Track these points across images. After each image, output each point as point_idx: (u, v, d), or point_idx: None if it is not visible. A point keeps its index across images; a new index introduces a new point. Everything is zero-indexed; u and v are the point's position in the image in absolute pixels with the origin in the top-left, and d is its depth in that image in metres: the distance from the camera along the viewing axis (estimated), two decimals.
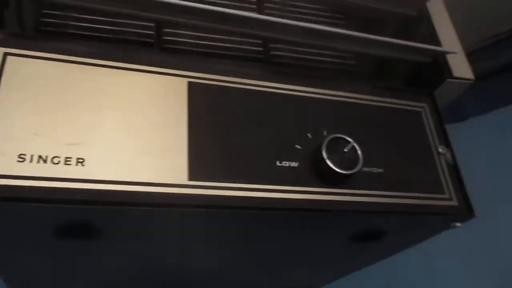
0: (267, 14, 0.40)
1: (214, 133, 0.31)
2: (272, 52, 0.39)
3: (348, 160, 0.32)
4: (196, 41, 0.37)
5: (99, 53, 0.31)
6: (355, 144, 0.32)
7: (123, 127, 0.29)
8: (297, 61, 0.40)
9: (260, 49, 0.39)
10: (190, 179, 0.29)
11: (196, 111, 0.31)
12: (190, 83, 0.32)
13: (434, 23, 0.42)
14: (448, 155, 0.37)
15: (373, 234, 0.37)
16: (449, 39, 0.42)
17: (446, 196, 0.35)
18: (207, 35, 0.37)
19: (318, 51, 0.40)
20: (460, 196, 0.35)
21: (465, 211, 0.35)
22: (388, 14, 0.44)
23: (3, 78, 0.28)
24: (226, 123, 0.31)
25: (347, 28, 0.43)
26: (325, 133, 0.33)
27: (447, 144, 0.38)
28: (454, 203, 0.35)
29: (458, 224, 0.35)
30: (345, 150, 0.32)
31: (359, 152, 0.32)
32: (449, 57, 0.40)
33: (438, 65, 0.40)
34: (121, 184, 0.27)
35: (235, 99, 0.33)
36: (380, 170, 0.34)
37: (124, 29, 0.35)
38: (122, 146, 0.28)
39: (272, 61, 0.39)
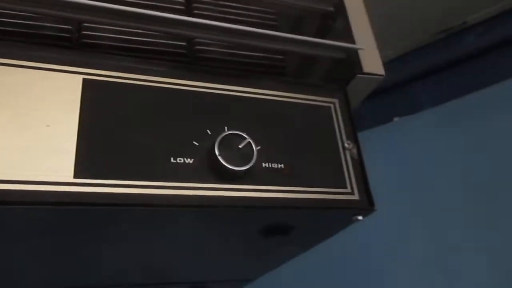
0: (196, 15, 0.40)
1: (105, 130, 0.31)
2: (197, 47, 0.39)
3: (243, 157, 0.32)
4: (115, 36, 0.37)
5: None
6: (250, 140, 0.32)
7: (8, 125, 0.28)
8: (222, 56, 0.40)
9: (184, 44, 0.39)
10: (76, 177, 0.29)
11: (89, 109, 0.31)
12: (85, 80, 0.32)
13: (350, 18, 0.42)
14: (354, 150, 0.38)
15: (280, 229, 0.37)
16: (363, 35, 0.42)
17: (348, 190, 0.36)
18: (129, 30, 0.37)
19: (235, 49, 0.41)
20: (362, 190, 0.36)
21: (366, 204, 0.36)
22: (306, 10, 0.44)
23: None
24: (120, 120, 0.31)
25: (278, 27, 0.44)
26: (226, 129, 0.34)
27: (354, 139, 0.38)
28: (355, 197, 0.36)
29: (360, 218, 0.36)
30: (240, 146, 0.32)
31: (254, 148, 0.32)
32: (361, 53, 0.41)
33: (350, 61, 0.41)
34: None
35: (132, 96, 0.33)
36: (281, 166, 0.35)
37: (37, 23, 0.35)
38: (5, 144, 0.28)
39: (197, 57, 0.39)
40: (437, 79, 1.10)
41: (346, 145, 0.38)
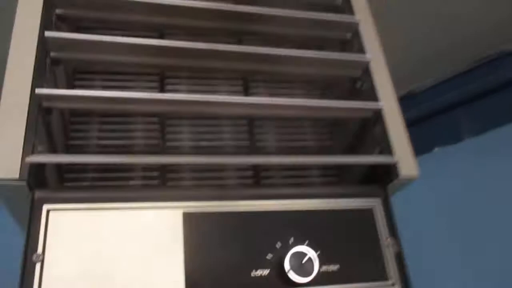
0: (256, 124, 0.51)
1: (205, 253, 0.41)
2: (263, 173, 0.50)
3: (307, 268, 0.42)
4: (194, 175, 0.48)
5: (113, 198, 0.41)
6: (310, 256, 0.42)
7: (134, 260, 0.40)
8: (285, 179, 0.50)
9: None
10: None
11: (189, 237, 0.41)
12: (184, 214, 0.42)
13: (387, 126, 0.51)
14: (395, 246, 0.46)
15: None
16: (400, 142, 0.50)
17: (390, 282, 0.45)
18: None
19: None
20: (403, 280, 0.45)
21: None
22: (349, 112, 0.52)
23: (49, 229, 0.39)
24: (213, 243, 0.42)
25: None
26: (291, 241, 0.43)
27: (395, 234, 0.47)
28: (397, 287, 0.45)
29: None
30: (303, 262, 0.42)
31: (314, 262, 0.42)
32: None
33: (389, 168, 0.49)
34: None
35: (221, 221, 0.43)
36: (336, 267, 0.44)
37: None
38: (135, 275, 0.39)
39: (261, 177, 0.50)
40: (479, 106, 1.13)
41: (388, 241, 0.46)
